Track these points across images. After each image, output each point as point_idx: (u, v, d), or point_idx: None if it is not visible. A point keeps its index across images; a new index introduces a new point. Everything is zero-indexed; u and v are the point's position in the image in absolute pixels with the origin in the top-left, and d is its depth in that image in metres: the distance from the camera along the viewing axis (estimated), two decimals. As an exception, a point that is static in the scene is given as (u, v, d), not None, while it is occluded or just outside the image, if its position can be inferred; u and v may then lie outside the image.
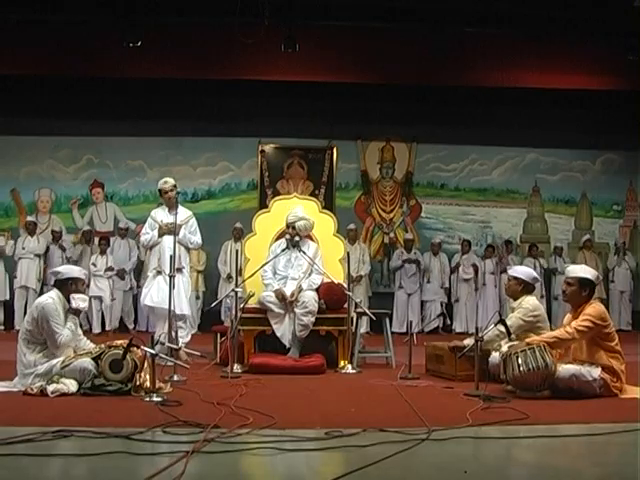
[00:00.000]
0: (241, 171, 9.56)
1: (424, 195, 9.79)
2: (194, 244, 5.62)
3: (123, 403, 3.51)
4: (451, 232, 9.74)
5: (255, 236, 5.62)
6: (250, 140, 9.31)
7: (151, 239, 5.54)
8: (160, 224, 5.50)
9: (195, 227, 5.64)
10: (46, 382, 3.75)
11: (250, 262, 5.46)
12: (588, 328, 3.76)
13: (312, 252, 5.20)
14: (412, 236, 9.33)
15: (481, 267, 9.01)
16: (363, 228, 9.62)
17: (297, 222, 5.18)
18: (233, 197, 9.56)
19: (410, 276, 8.91)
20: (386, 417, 3.24)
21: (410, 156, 9.78)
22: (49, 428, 2.78)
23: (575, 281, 3.90)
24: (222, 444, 2.64)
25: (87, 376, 3.75)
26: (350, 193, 9.74)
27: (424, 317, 8.94)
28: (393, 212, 9.76)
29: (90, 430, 2.78)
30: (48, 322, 3.83)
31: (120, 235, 8.65)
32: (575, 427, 3.01)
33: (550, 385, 3.74)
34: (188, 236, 5.56)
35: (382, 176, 9.83)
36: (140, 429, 2.82)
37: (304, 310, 4.93)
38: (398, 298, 8.93)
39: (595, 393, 3.70)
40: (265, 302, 5.00)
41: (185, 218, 5.59)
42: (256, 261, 5.32)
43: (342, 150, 9.57)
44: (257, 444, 2.66)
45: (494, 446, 2.80)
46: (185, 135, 9.21)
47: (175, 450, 2.53)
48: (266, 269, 5.16)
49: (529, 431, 2.93)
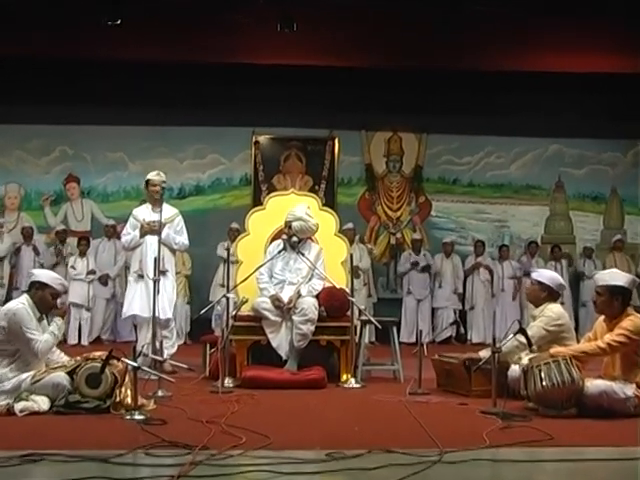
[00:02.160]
0: (233, 164, 9.56)
1: (434, 191, 9.78)
2: (179, 245, 5.62)
3: (101, 422, 3.49)
4: (464, 232, 9.74)
5: (248, 236, 5.61)
6: (243, 130, 9.31)
7: (132, 240, 5.54)
8: (142, 223, 5.49)
9: (181, 226, 5.64)
10: (14, 400, 3.71)
11: (243, 265, 5.46)
12: (623, 344, 3.73)
13: (313, 255, 5.20)
14: (420, 236, 9.34)
15: (497, 271, 9.02)
16: (367, 228, 9.63)
17: (294, 222, 5.18)
18: (224, 193, 9.56)
19: (420, 281, 8.93)
20: (393, 437, 3.23)
21: (419, 148, 9.78)
22: (17, 452, 2.75)
23: (604, 290, 3.86)
24: (212, 467, 2.62)
25: (61, 392, 3.73)
26: (353, 189, 9.74)
27: (435, 326, 8.94)
28: (400, 210, 9.76)
29: (63, 453, 2.75)
30: (22, 329, 3.80)
31: (106, 235, 8.57)
32: (605, 450, 3.00)
33: (577, 402, 3.72)
34: (172, 236, 5.55)
35: (389, 170, 9.83)
36: (120, 451, 2.80)
37: (303, 318, 4.92)
38: (406, 305, 8.93)
39: (628, 412, 3.66)
40: (260, 309, 4.99)
41: (170, 216, 5.58)
42: (249, 264, 5.31)
43: (344, 141, 9.57)
44: (251, 467, 2.64)
45: (514, 470, 2.78)
46: (171, 124, 9.20)
47: (159, 474, 2.51)
48: (262, 272, 5.16)
49: (553, 454, 2.92)
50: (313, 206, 5.59)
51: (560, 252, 9.19)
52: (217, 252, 8.44)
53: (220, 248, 8.43)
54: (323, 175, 9.59)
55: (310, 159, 9.61)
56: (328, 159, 9.60)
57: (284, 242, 5.21)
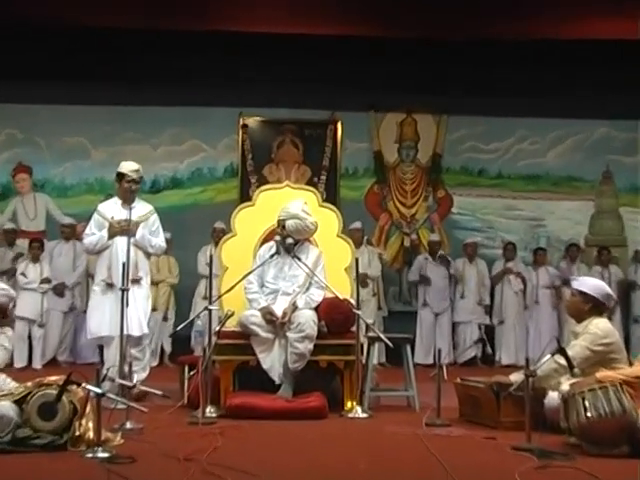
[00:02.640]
0: (216, 152, 9.58)
1: (456, 184, 9.80)
2: (155, 248, 5.65)
3: (57, 461, 3.48)
4: (491, 233, 9.76)
5: (235, 238, 5.63)
6: (228, 111, 9.33)
7: (98, 241, 5.54)
8: (111, 221, 5.49)
9: (158, 226, 5.68)
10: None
11: (228, 272, 5.47)
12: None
13: (312, 260, 5.21)
14: (439, 237, 9.36)
15: (531, 278, 9.03)
16: (376, 227, 9.65)
17: (288, 221, 5.19)
18: (206, 186, 9.57)
19: (438, 290, 8.94)
20: (407, 476, 3.22)
21: (438, 133, 9.79)
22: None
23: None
24: (190, 515, 2.63)
25: (6, 426, 3.70)
26: (359, 181, 9.75)
27: (457, 344, 8.96)
28: (416, 206, 9.77)
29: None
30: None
31: (64, 237, 8.53)
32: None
33: (629, 438, 3.71)
34: (148, 237, 5.57)
35: (401, 159, 9.84)
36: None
37: (299, 335, 4.93)
38: (422, 319, 8.95)
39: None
40: (248, 324, 5.00)
41: (145, 214, 5.60)
42: (236, 270, 5.31)
43: (349, 124, 9.58)
44: (237, 515, 2.64)
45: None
46: (142, 104, 9.21)
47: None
48: (251, 280, 5.17)
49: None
50: (312, 202, 5.59)
51: (608, 256, 9.19)
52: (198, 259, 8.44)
53: (202, 256, 8.44)
54: (323, 165, 9.59)
55: (308, 146, 9.62)
56: (329, 146, 9.61)
57: (277, 245, 5.22)
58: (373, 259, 8.71)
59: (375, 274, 8.70)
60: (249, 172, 9.48)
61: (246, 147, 9.51)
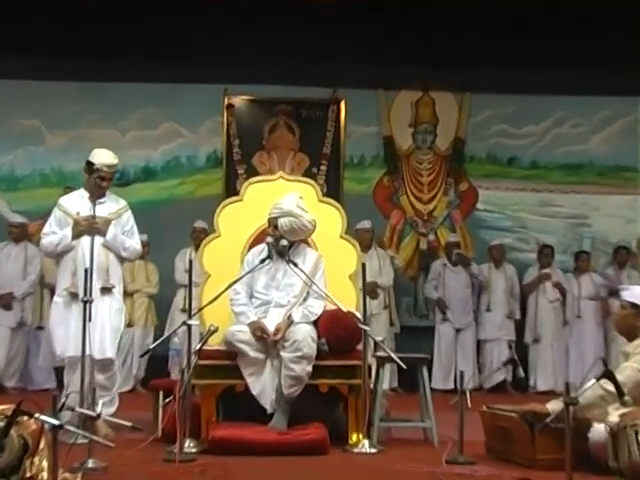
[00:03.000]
0: (197, 137, 9.61)
1: (482, 175, 9.83)
2: (130, 251, 5.64)
3: (6, 505, 3.48)
4: (524, 233, 9.79)
5: (219, 239, 5.65)
6: (211, 89, 9.36)
7: (60, 242, 5.51)
8: (76, 218, 5.48)
9: (132, 225, 5.69)
10: None
11: (211, 279, 5.49)
12: None
13: (309, 265, 5.22)
14: (457, 238, 9.36)
15: (572, 288, 9.04)
16: (387, 227, 9.67)
17: (281, 219, 5.19)
18: (184, 178, 9.60)
19: (459, 301, 8.95)
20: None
21: (461, 114, 9.81)
22: None
23: None
24: None
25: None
26: (367, 172, 9.78)
27: (483, 366, 8.97)
28: (433, 202, 9.80)
29: None
30: None
31: (13, 238, 8.48)
32: None
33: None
34: (121, 238, 5.56)
35: (417, 145, 9.86)
36: None
37: (296, 354, 4.93)
38: (441, 336, 8.98)
39: None
40: (235, 342, 5.01)
41: (117, 210, 5.60)
42: (220, 278, 5.32)
43: (354, 105, 9.61)
44: None
45: None
46: (108, 79, 9.21)
47: None
48: (238, 290, 5.19)
49: None
50: (310, 196, 5.61)
51: (664, 260, 9.27)
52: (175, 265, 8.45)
53: (179, 261, 8.45)
54: (324, 153, 9.60)
55: (306, 130, 9.65)
56: (331, 130, 9.64)
57: (269, 247, 5.22)
58: (384, 265, 8.74)
59: (386, 283, 8.72)
60: (236, 161, 9.50)
61: (232, 131, 9.52)
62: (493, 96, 9.70)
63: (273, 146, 9.62)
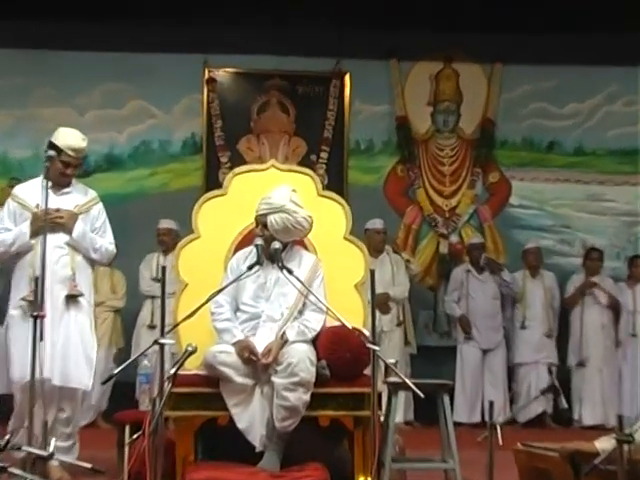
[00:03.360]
0: (171, 118, 9.64)
1: (516, 164, 9.89)
2: (101, 252, 5.66)
3: None
4: (567, 233, 9.85)
5: (198, 241, 5.67)
6: (188, 59, 9.40)
7: (15, 240, 5.52)
8: (35, 211, 5.47)
9: (104, 221, 5.72)
10: None
11: (189, 289, 5.52)
12: None
13: (306, 271, 5.22)
14: (482, 238, 9.36)
15: (626, 300, 9.07)
16: (400, 226, 9.72)
17: (271, 216, 5.21)
18: (156, 167, 9.64)
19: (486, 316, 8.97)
20: None
21: (490, 90, 9.85)
22: None
23: None
24: None
25: None
26: (376, 160, 9.83)
27: (516, 394, 8.99)
28: (457, 196, 9.85)
29: None
30: None
31: None
32: None
33: None
34: (91, 236, 5.58)
35: (437, 128, 9.92)
36: None
37: (291, 380, 4.92)
38: (465, 357, 9.02)
39: None
40: (217, 365, 5.01)
41: (85, 202, 5.63)
42: (200, 287, 5.33)
43: (361, 79, 9.64)
44: None
45: None
46: (62, 46, 9.23)
47: None
48: (221, 302, 5.19)
49: None
50: (307, 189, 5.63)
51: None
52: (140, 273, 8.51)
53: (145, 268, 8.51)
54: (325, 137, 9.63)
55: (303, 110, 9.69)
56: (333, 110, 9.67)
57: (258, 251, 5.20)
58: (398, 273, 8.77)
59: (400, 294, 8.74)
60: (218, 147, 9.54)
61: (214, 111, 9.56)
62: (529, 67, 9.73)
63: (263, 129, 9.65)
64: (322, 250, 5.54)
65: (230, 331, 5.15)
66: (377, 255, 8.56)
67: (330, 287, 5.35)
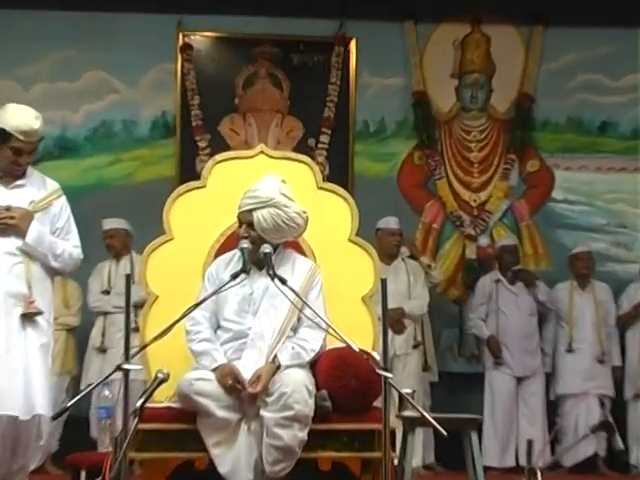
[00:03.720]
0: (137, 93, 9.69)
1: (561, 149, 9.94)
2: (63, 259, 5.67)
3: None
4: (624, 235, 9.90)
5: (171, 244, 5.70)
6: (159, 21, 9.46)
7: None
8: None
9: (67, 219, 5.73)
10: None
11: (159, 303, 5.55)
12: None
13: (300, 279, 5.23)
14: (514, 240, 9.34)
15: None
16: (418, 225, 9.76)
17: (257, 211, 5.22)
18: (118, 154, 9.69)
19: (519, 337, 8.96)
20: None
21: (528, 59, 9.88)
22: None
23: None
24: None
25: None
26: (389, 145, 9.88)
27: (561, 432, 8.99)
28: (488, 188, 9.88)
29: None
30: None
31: None
32: None
33: None
34: (50, 240, 5.57)
35: (463, 106, 9.96)
36: None
37: (284, 414, 4.92)
38: (495, 387, 9.01)
39: None
40: (194, 396, 5.01)
41: (44, 197, 5.62)
42: (173, 300, 5.36)
43: (370, 46, 9.68)
44: None
45: None
46: (2, 6, 9.21)
47: None
48: (198, 319, 5.21)
49: None
50: (305, 180, 5.67)
51: None
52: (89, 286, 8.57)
53: (95, 279, 8.55)
54: (325, 117, 9.66)
55: (299, 83, 9.73)
56: (335, 83, 9.68)
57: (243, 256, 5.20)
58: (416, 283, 8.78)
59: (418, 310, 8.74)
60: (195, 129, 9.57)
61: (190, 85, 9.58)
62: (577, 30, 9.76)
63: (250, 107, 9.69)
64: (323, 255, 5.56)
65: (209, 354, 5.14)
66: (390, 261, 8.60)
67: (332, 300, 5.36)
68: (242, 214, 5.27)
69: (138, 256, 8.07)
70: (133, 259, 8.48)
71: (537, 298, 9.05)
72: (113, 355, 8.16)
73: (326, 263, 5.48)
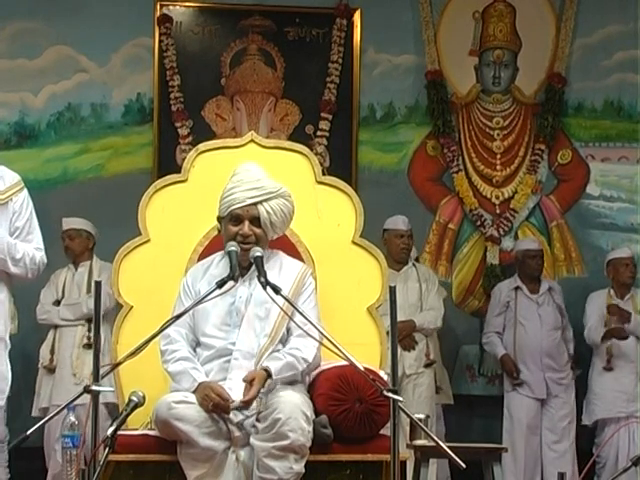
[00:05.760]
0: (108, 73, 9.68)
1: (596, 138, 9.94)
2: (24, 264, 5.68)
3: None
4: (672, 236, 9.84)
5: (146, 246, 5.71)
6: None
7: None
8: None
9: (29, 217, 5.77)
10: None
11: (133, 315, 5.55)
12: None
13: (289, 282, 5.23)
14: (538, 244, 9.31)
15: None
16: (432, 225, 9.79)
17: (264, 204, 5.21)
18: (87, 142, 9.68)
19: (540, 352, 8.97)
20: None
21: (559, 33, 9.88)
22: None
23: None
24: None
25: None
26: (398, 133, 9.90)
27: (598, 463, 8.98)
28: (512, 183, 9.90)
29: None
30: None
31: None
32: None
33: None
34: (9, 242, 5.60)
35: (484, 88, 9.97)
36: None
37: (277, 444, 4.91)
38: (513, 410, 9.01)
39: None
40: (174, 421, 5.00)
41: (3, 191, 5.65)
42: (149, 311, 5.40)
43: (376, 18, 9.70)
44: None
45: None
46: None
47: None
48: (173, 337, 5.22)
49: None
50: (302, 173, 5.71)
51: None
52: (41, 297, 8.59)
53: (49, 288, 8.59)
54: (326, 100, 9.67)
55: (295, 62, 9.74)
56: (337, 62, 9.69)
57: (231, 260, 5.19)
58: (429, 292, 8.80)
59: (431, 323, 8.74)
60: (175, 114, 9.57)
61: (169, 63, 9.58)
62: (615, 2, 9.76)
63: (239, 88, 9.69)
64: (322, 259, 5.59)
65: (188, 374, 5.14)
66: (399, 267, 8.62)
67: (334, 311, 5.40)
68: (242, 209, 5.24)
69: (104, 263, 8.11)
70: (93, 265, 8.48)
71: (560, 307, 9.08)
72: (63, 376, 8.18)
73: (326, 269, 5.52)
